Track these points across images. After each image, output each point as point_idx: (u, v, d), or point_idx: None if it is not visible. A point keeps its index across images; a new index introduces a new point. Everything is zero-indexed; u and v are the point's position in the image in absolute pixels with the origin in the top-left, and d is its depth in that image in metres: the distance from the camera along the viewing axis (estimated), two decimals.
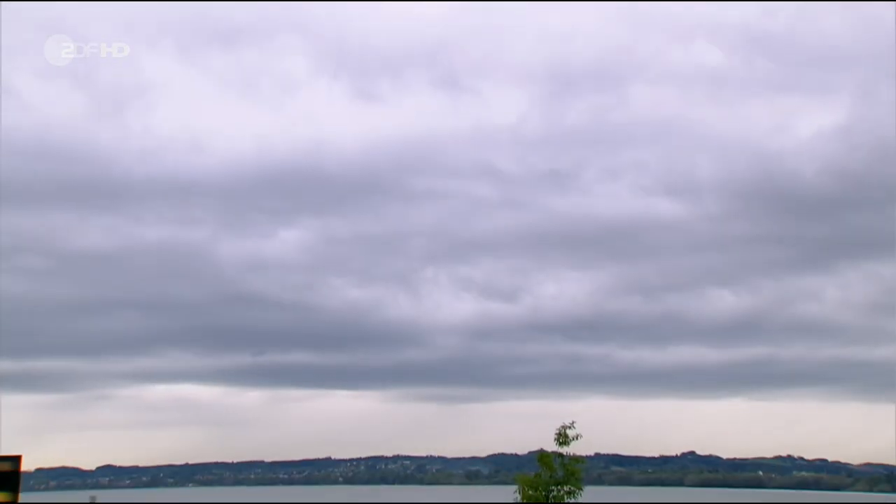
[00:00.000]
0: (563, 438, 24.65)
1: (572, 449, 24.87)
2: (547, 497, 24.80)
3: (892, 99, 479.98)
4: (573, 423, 24.96)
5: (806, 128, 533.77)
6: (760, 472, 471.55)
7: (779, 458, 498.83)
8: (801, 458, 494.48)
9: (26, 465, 28.22)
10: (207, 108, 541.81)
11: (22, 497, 26.52)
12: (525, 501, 24.83)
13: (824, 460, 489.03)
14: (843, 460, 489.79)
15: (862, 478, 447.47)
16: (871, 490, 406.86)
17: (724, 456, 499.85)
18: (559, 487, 24.66)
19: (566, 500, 24.76)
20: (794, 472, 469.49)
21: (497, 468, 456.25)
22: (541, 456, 25.20)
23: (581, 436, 24.86)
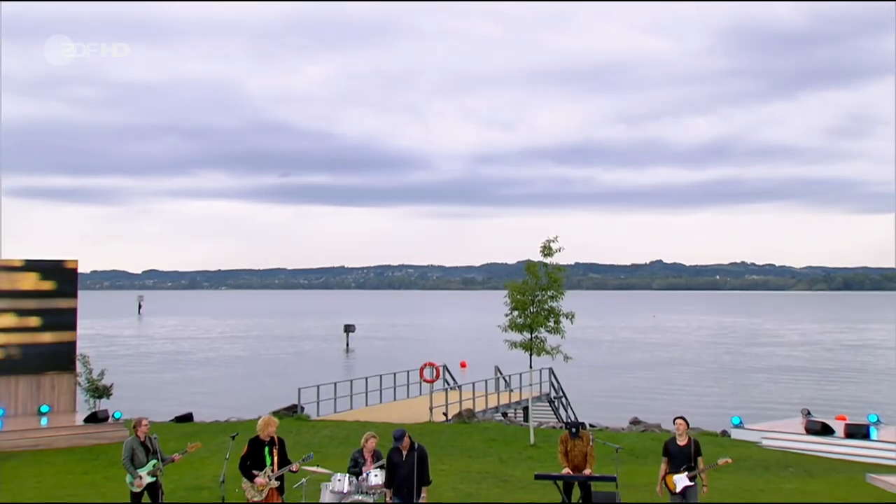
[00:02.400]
0: (547, 251, 24.19)
1: (555, 259, 24.48)
2: (533, 301, 24.61)
3: None
4: (556, 237, 24.46)
5: None
6: (717, 277, 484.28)
7: (733, 264, 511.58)
8: (753, 264, 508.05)
9: (83, 268, 28.43)
10: None
11: (80, 295, 26.70)
12: (513, 305, 24.66)
13: (772, 265, 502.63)
14: (788, 264, 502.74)
15: (803, 279, 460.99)
16: (810, 289, 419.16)
17: (687, 263, 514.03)
18: (543, 292, 24.43)
19: (549, 304, 24.58)
20: (746, 276, 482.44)
21: (489, 275, 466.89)
22: (528, 265, 24.87)
23: (563, 248, 24.47)
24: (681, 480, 11.83)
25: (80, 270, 27.57)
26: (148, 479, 12.16)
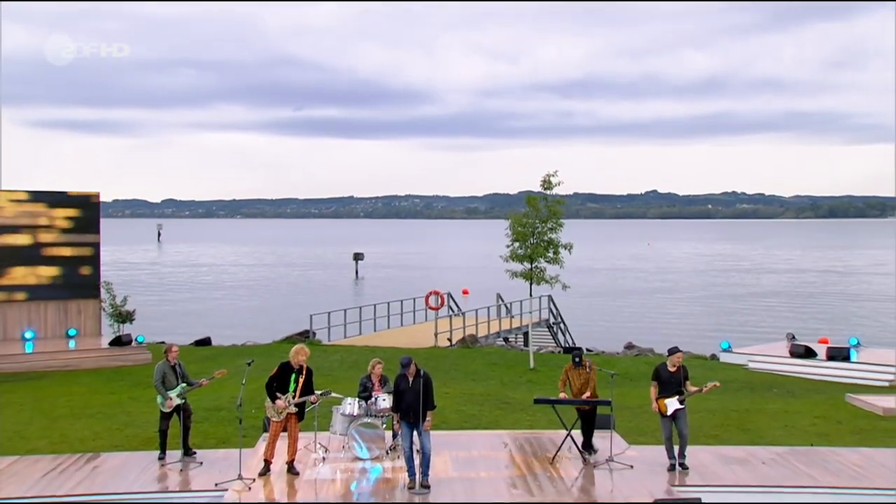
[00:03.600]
0: (547, 184, 24.11)
1: (555, 192, 24.41)
2: (533, 232, 24.61)
3: None
4: (556, 171, 24.36)
5: None
6: (709, 206, 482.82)
7: (725, 193, 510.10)
8: (744, 193, 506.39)
9: (105, 197, 28.47)
10: None
11: (102, 223, 26.80)
12: (515, 236, 24.68)
13: (762, 194, 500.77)
14: (777, 193, 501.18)
15: (791, 207, 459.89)
16: (798, 217, 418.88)
17: (681, 193, 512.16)
18: (543, 224, 24.40)
19: (549, 235, 24.58)
20: (737, 205, 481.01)
21: (492, 205, 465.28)
22: (528, 198, 24.82)
23: (563, 182, 24.41)
24: (672, 404, 12.02)
25: (102, 199, 27.65)
26: (177, 401, 12.38)
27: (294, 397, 11.43)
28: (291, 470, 11.60)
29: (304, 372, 11.52)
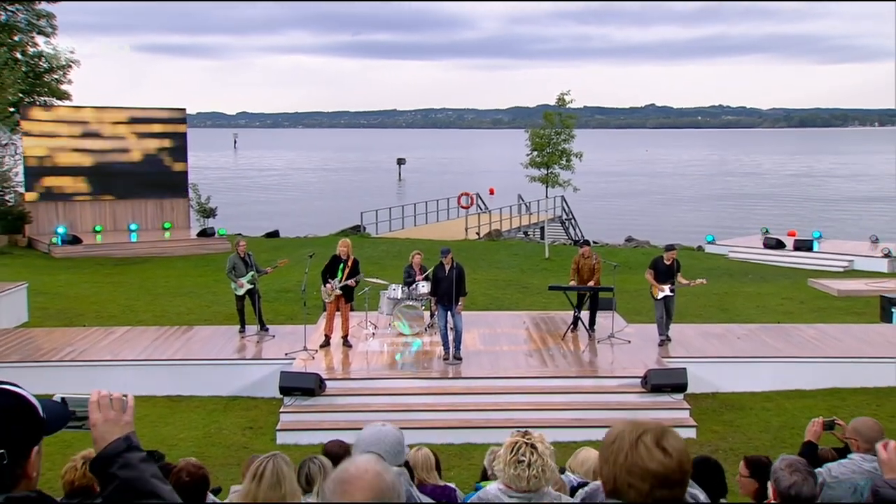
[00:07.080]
0: (561, 102, 23.47)
1: (568, 107, 23.79)
2: (549, 143, 24.13)
3: None
4: (569, 91, 23.68)
5: None
6: (699, 118, 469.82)
7: (712, 106, 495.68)
8: (728, 106, 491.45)
9: (190, 110, 28.47)
10: None
11: (187, 133, 26.75)
12: (533, 146, 24.23)
13: (744, 107, 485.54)
14: (757, 106, 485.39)
15: (768, 118, 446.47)
16: (773, 127, 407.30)
17: (675, 106, 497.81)
18: (558, 136, 23.88)
19: (562, 146, 24.09)
20: (723, 116, 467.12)
21: (514, 117, 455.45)
22: (545, 114, 24.27)
23: (575, 100, 23.73)
24: (664, 290, 11.93)
25: (187, 113, 27.55)
26: (247, 286, 12.48)
27: (339, 282, 11.50)
28: (346, 343, 11.78)
29: (349, 261, 11.53)
